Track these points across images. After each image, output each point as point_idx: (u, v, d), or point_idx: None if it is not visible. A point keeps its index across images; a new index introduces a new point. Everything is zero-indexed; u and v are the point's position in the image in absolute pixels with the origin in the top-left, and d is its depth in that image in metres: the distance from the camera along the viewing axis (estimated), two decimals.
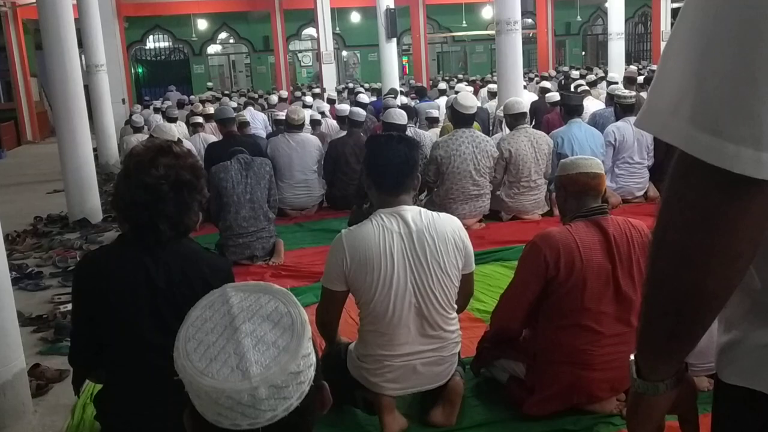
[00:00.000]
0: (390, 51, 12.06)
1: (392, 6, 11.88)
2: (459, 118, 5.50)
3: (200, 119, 8.60)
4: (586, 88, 9.35)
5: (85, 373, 2.38)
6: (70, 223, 6.57)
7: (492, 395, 2.78)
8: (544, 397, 2.56)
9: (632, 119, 5.85)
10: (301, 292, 4.18)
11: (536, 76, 16.48)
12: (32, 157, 13.46)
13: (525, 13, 14.36)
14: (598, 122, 6.86)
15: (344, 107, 8.61)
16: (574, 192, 2.54)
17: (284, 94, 14.79)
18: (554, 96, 7.98)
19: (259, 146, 6.93)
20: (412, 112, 9.82)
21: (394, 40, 12.08)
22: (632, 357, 1.03)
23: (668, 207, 0.85)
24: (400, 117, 6.12)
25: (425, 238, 2.44)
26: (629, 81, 8.39)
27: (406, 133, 6.29)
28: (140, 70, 23.46)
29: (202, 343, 1.02)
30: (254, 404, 1.00)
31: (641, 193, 6.07)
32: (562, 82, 13.26)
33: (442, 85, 15.19)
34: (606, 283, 2.44)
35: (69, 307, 4.18)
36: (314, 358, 1.06)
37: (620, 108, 6.12)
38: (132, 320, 2.08)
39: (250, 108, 11.01)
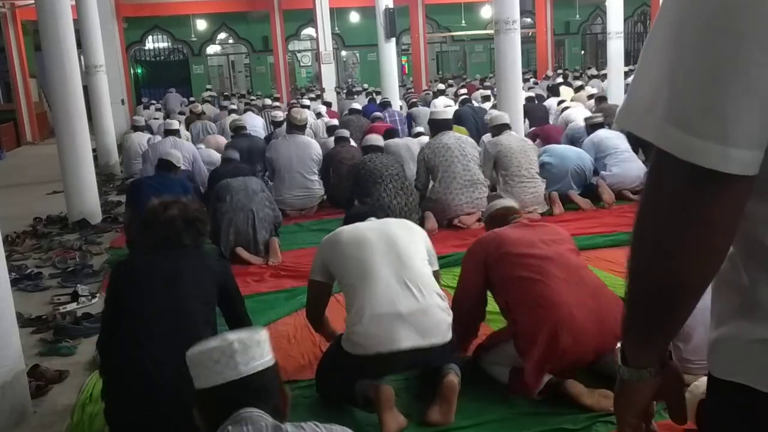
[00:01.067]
0: (389, 51, 12.05)
1: (391, 6, 11.87)
2: (437, 125, 6.03)
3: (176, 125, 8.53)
4: (569, 105, 9.31)
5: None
6: (70, 223, 6.57)
7: (490, 394, 2.79)
8: (536, 361, 2.62)
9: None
10: (300, 292, 4.16)
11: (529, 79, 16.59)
12: (32, 158, 13.47)
13: (524, 13, 14.33)
14: (575, 138, 7.19)
15: (334, 122, 8.77)
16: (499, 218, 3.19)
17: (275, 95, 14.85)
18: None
19: (258, 145, 6.93)
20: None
21: (393, 40, 12.07)
22: (618, 345, 1.06)
23: (646, 200, 0.90)
24: (378, 140, 6.38)
25: (392, 223, 3.03)
26: None
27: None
28: (139, 71, 23.45)
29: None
30: (232, 355, 1.58)
31: (635, 183, 6.08)
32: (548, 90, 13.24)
33: (441, 86, 15.27)
34: (531, 242, 2.89)
35: (68, 308, 4.20)
36: (273, 359, 1.69)
37: (590, 127, 6.71)
38: (144, 308, 2.50)
39: (250, 113, 11.01)
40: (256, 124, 9.85)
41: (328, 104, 13.22)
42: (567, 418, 2.56)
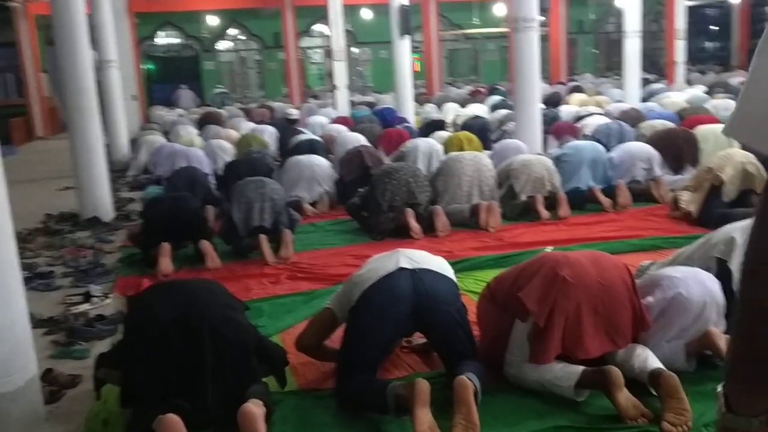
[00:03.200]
0: (403, 49, 11.90)
1: (406, 2, 11.73)
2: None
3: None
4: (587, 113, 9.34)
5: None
6: (81, 221, 6.49)
7: (519, 408, 2.67)
8: (539, 291, 2.68)
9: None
10: (317, 295, 4.08)
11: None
12: (43, 153, 13.41)
13: (540, 11, 14.12)
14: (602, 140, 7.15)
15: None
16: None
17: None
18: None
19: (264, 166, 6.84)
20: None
21: (408, 37, 11.91)
22: (719, 388, 0.94)
23: (763, 220, 0.82)
24: None
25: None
26: None
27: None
28: (150, 67, 23.39)
29: None
30: None
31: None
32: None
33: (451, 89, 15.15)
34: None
35: (80, 308, 4.11)
36: None
37: None
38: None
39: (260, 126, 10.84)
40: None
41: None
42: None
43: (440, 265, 2.91)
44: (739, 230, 3.07)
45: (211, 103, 19.58)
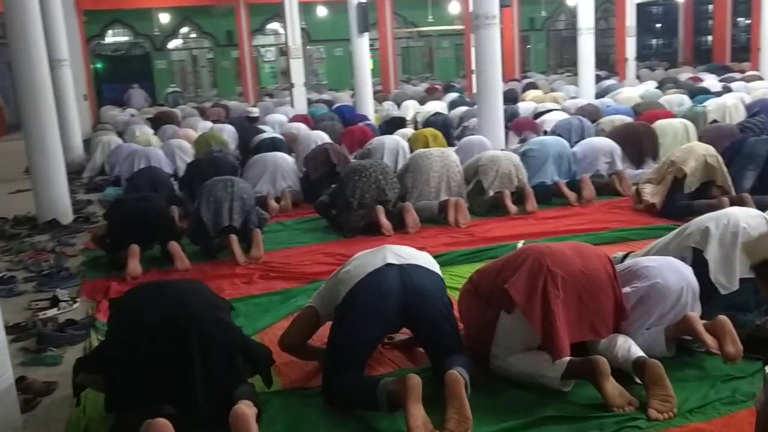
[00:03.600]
0: (362, 46, 11.88)
1: (363, 0, 11.72)
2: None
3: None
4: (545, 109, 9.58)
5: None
6: (39, 224, 6.30)
7: (508, 401, 2.69)
8: (525, 279, 2.71)
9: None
10: (294, 294, 4.05)
11: None
12: None
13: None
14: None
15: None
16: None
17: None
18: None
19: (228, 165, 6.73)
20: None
21: (366, 35, 11.90)
22: (767, 369, 0.96)
23: None
24: None
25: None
26: None
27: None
28: (99, 66, 22.85)
29: None
30: None
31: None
32: None
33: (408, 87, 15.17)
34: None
35: (48, 314, 3.99)
36: None
37: None
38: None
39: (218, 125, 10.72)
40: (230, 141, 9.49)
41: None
42: (593, 423, 2.48)
43: (427, 260, 2.91)
44: (713, 221, 3.15)
45: (164, 103, 19.25)
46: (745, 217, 3.14)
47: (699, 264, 3.06)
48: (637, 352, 2.72)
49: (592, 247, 3.02)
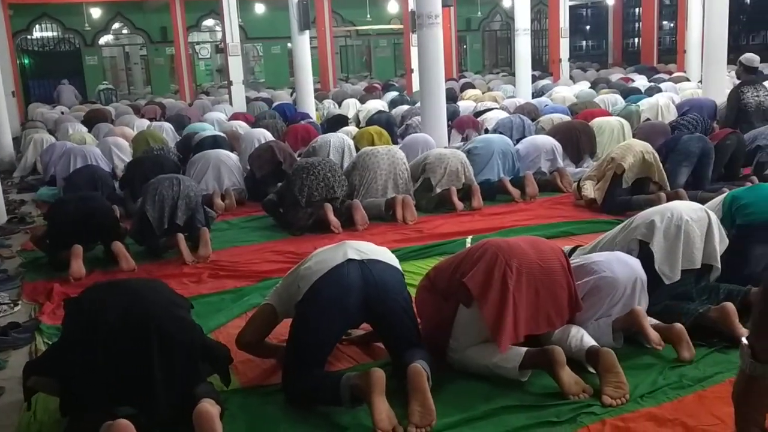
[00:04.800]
0: (303, 44, 11.82)
1: None
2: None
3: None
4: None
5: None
6: None
7: (468, 392, 2.74)
8: (481, 273, 2.74)
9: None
10: (246, 292, 4.02)
11: None
12: None
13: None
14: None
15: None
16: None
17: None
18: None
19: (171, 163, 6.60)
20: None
21: (307, 32, 11.85)
22: (744, 340, 1.02)
23: None
24: None
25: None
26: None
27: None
28: (27, 62, 22.00)
29: None
30: None
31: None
32: None
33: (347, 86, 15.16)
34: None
35: None
36: None
37: None
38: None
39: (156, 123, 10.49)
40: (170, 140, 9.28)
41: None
42: (551, 411, 2.55)
43: (387, 255, 2.93)
44: (658, 214, 3.27)
45: (96, 100, 18.70)
46: (688, 210, 3.27)
47: (645, 256, 3.18)
48: (590, 341, 2.81)
49: (547, 241, 3.09)
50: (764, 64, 11.95)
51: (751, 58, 7.30)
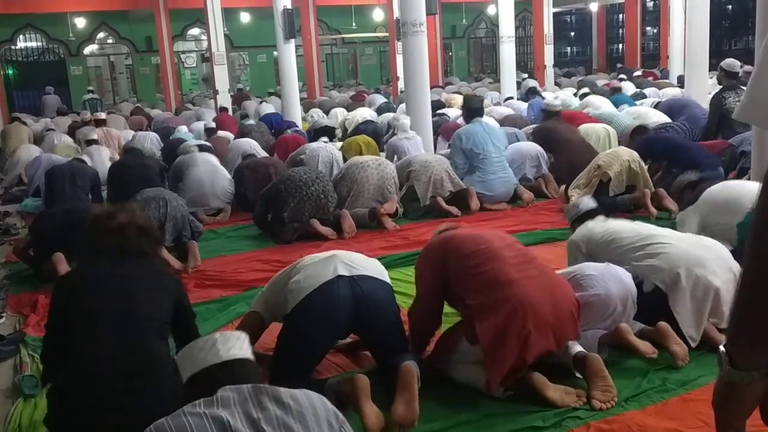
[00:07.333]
0: (289, 52, 11.83)
1: (290, 6, 11.68)
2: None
3: (94, 135, 8.42)
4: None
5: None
6: None
7: (453, 397, 2.75)
8: (498, 357, 2.59)
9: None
10: (233, 302, 4.02)
11: None
12: None
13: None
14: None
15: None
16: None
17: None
18: None
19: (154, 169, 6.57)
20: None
21: (293, 41, 11.87)
22: (722, 348, 1.03)
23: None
24: None
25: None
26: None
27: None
28: (10, 72, 21.87)
29: None
30: (214, 344, 1.77)
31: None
32: None
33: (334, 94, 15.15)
34: (481, 236, 2.92)
35: None
36: (253, 357, 1.86)
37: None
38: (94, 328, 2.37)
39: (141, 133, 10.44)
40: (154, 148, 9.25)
41: (224, 109, 12.82)
42: (536, 416, 2.57)
43: (376, 268, 2.93)
44: (683, 267, 3.07)
45: (81, 111, 18.59)
46: (713, 266, 3.09)
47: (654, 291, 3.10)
48: (577, 348, 2.82)
49: (564, 288, 2.88)
50: (749, 67, 12.07)
51: (731, 63, 7.37)
